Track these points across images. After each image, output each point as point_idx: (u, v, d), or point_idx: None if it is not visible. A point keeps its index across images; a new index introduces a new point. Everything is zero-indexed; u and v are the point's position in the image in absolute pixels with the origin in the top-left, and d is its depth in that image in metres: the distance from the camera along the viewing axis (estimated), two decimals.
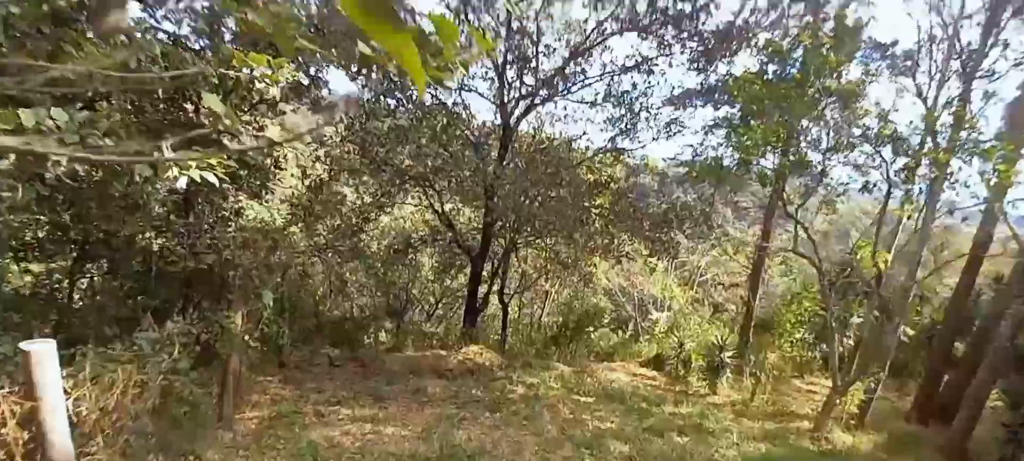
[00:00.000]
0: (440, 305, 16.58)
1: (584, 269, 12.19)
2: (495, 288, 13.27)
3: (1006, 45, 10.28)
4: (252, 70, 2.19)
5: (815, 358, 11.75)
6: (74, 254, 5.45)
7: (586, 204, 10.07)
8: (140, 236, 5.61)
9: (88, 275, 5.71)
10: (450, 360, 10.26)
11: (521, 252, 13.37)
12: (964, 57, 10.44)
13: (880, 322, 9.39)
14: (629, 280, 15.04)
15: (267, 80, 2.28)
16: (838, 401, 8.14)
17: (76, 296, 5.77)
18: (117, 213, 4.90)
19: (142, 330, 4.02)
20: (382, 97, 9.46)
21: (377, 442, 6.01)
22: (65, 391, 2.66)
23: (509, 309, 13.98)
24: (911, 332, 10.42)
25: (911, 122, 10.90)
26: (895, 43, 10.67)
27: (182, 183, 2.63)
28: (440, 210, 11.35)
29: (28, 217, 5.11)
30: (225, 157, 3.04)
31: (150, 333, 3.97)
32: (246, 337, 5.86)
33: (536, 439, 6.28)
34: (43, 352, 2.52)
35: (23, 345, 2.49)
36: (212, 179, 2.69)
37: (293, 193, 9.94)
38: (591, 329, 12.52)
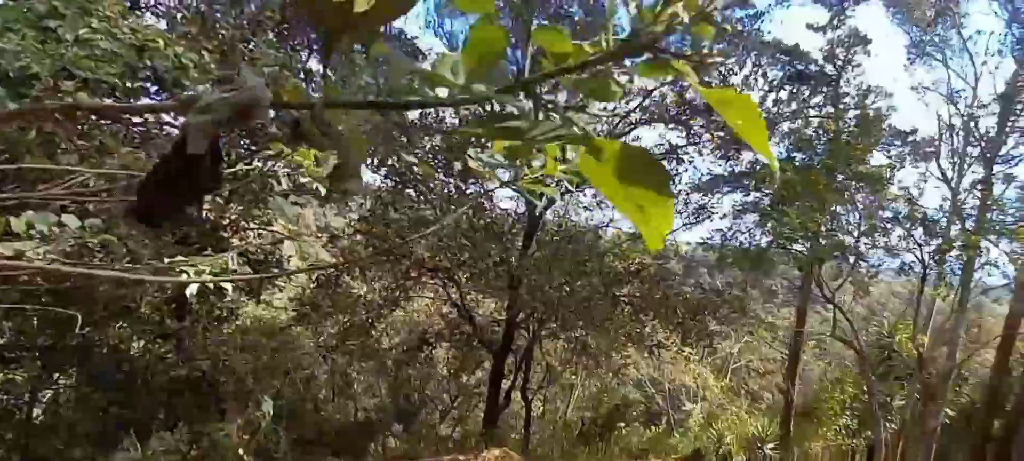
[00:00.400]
0: (455, 404, 15.27)
1: (615, 361, 11.21)
2: (517, 384, 12.16)
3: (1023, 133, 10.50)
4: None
5: (859, 445, 10.49)
6: (39, 362, 4.52)
7: (615, 293, 9.45)
8: (124, 342, 4.85)
9: (55, 387, 4.74)
10: None
11: (545, 345, 12.42)
12: (983, 144, 10.52)
13: (924, 404, 8.61)
14: (659, 370, 13.82)
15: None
16: None
17: (37, 411, 4.78)
18: (103, 318, 4.18)
19: (122, 449, 3.19)
20: (404, 187, 9.12)
21: None
22: None
23: (533, 406, 12.73)
24: (951, 413, 9.62)
25: (939, 206, 10.71)
26: (915, 131, 10.80)
27: (192, 289, 2.07)
28: (460, 303, 10.60)
29: None
30: (239, 262, 2.48)
31: (131, 453, 3.13)
32: (240, 451, 4.93)
33: None
34: None
35: None
36: (226, 286, 2.12)
37: (301, 290, 9.30)
38: (622, 425, 11.25)
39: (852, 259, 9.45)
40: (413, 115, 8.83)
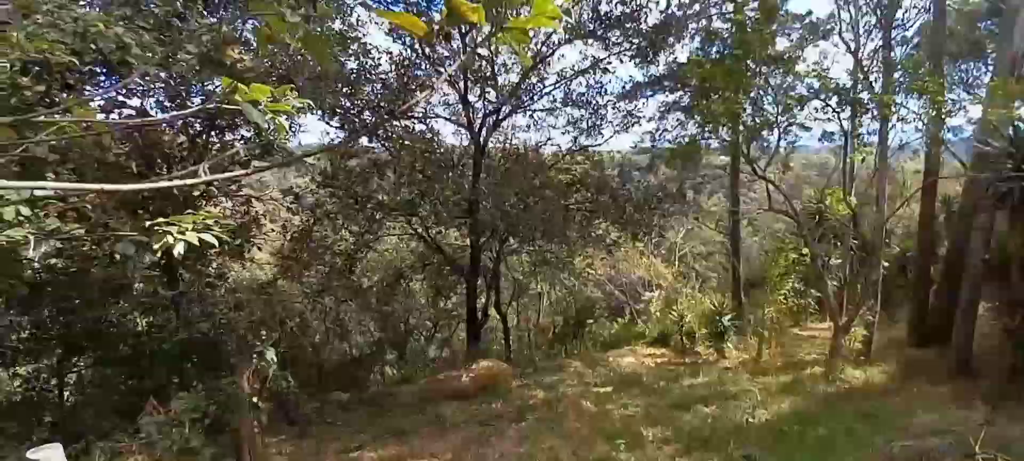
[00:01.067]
0: (438, 329, 16.11)
1: (575, 266, 12.04)
2: (491, 301, 12.94)
3: None
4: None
5: (808, 305, 11.84)
6: (58, 351, 4.87)
7: (565, 203, 10.05)
8: (126, 318, 5.09)
9: (77, 370, 5.11)
10: (462, 381, 9.84)
11: (510, 261, 13.11)
12: (879, 12, 11.15)
13: (862, 259, 9.60)
14: (615, 269, 14.91)
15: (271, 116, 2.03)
16: (842, 341, 8.14)
17: (67, 393, 5.16)
18: (100, 299, 4.40)
19: (146, 414, 3.58)
20: (356, 136, 9.15)
21: None
22: None
23: (508, 319, 13.65)
24: (885, 264, 10.77)
25: (848, 77, 11.59)
26: (809, 12, 11.46)
27: (179, 249, 2.29)
28: (426, 236, 11.01)
29: (10, 321, 4.59)
30: (220, 214, 2.72)
31: (155, 417, 3.52)
32: (254, 399, 5.39)
33: (567, 442, 5.96)
34: (52, 456, 2.12)
35: (29, 453, 2.08)
36: (211, 239, 2.35)
37: (281, 246, 9.46)
38: (591, 322, 12.31)
39: (775, 136, 10.23)
40: (353, 65, 8.75)
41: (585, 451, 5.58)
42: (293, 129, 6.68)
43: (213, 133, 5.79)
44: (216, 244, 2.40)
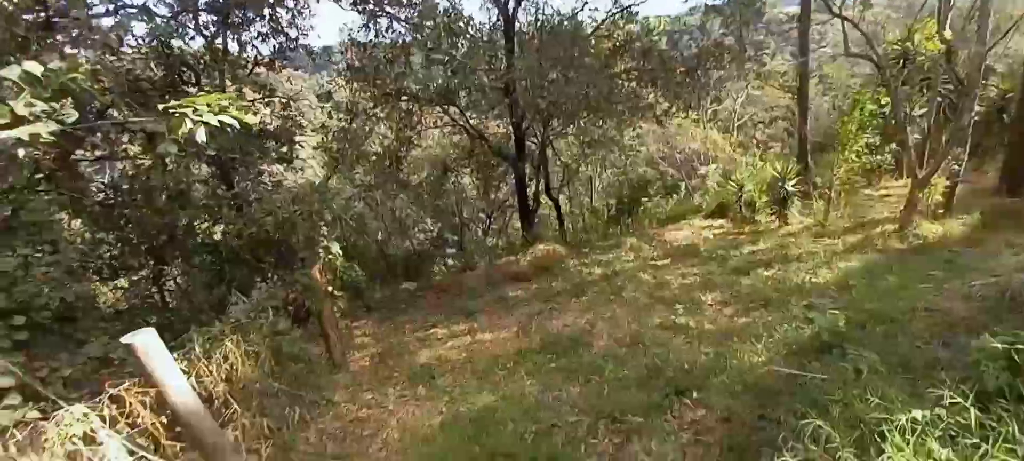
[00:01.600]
0: (492, 220, 16.44)
1: (624, 142, 11.42)
2: (540, 187, 12.83)
3: None
4: None
5: (884, 162, 10.73)
6: (151, 262, 5.51)
7: (610, 72, 9.19)
8: (198, 226, 5.51)
9: (170, 278, 5.80)
10: (521, 264, 10.10)
11: (557, 145, 12.68)
12: None
13: (951, 104, 8.38)
14: (668, 145, 14.12)
15: None
16: (921, 195, 7.39)
17: (166, 298, 5.88)
18: (165, 205, 4.75)
19: (233, 305, 3.87)
20: (375, 19, 8.61)
21: (480, 350, 5.97)
22: (183, 371, 2.46)
23: (560, 204, 13.60)
24: (979, 107, 9.39)
25: None
26: None
27: (201, 135, 2.21)
28: (467, 126, 10.71)
29: (98, 239, 5.14)
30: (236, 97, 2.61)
31: (241, 306, 3.81)
32: (329, 288, 5.77)
33: (627, 310, 6.04)
34: (146, 340, 2.30)
35: (124, 338, 2.27)
36: (230, 120, 2.25)
37: (325, 150, 9.59)
38: (645, 200, 11.98)
39: None
40: None
41: (645, 316, 5.64)
42: (307, 30, 6.33)
43: (228, 33, 5.66)
44: (236, 124, 2.30)
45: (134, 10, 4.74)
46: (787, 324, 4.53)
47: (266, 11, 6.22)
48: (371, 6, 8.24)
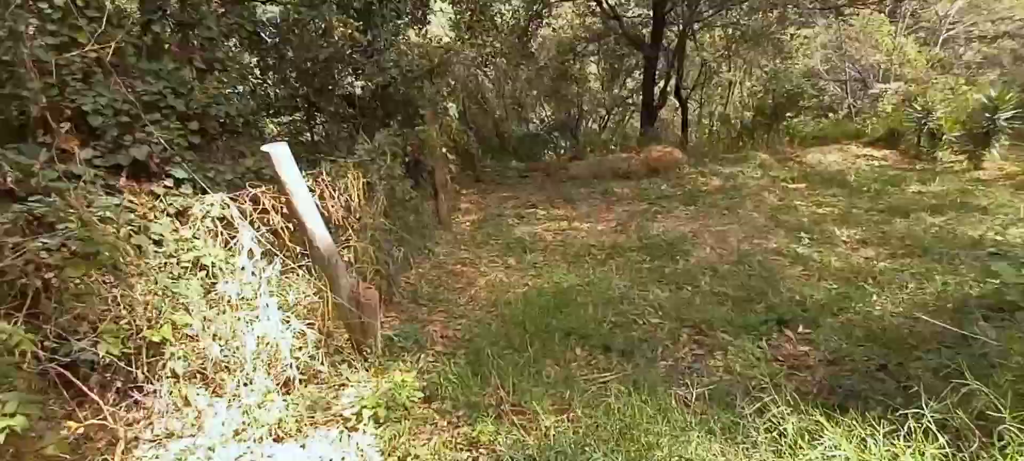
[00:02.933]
0: (611, 116, 15.48)
1: (784, 42, 9.51)
2: (671, 85, 11.53)
3: None
4: None
5: None
6: (306, 106, 6.28)
7: None
8: (339, 76, 5.94)
9: (319, 123, 6.61)
10: (632, 162, 9.54)
11: (700, 38, 11.00)
12: None
13: None
14: (839, 52, 11.48)
15: None
16: None
17: (312, 137, 6.73)
18: (313, 42, 5.13)
19: (360, 145, 4.15)
20: None
21: (575, 235, 5.93)
22: (310, 189, 2.72)
23: (688, 106, 12.22)
24: None
25: None
26: None
27: None
28: (603, 4, 9.62)
29: (270, 84, 5.96)
30: None
31: (367, 145, 4.06)
32: (443, 148, 5.97)
33: (741, 227, 5.44)
34: (280, 151, 2.53)
35: (264, 147, 2.52)
36: None
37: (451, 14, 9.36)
38: (791, 116, 10.20)
39: None
40: None
41: (759, 238, 5.04)
42: None
43: None
44: None
45: None
46: (949, 277, 3.71)
47: None
48: None
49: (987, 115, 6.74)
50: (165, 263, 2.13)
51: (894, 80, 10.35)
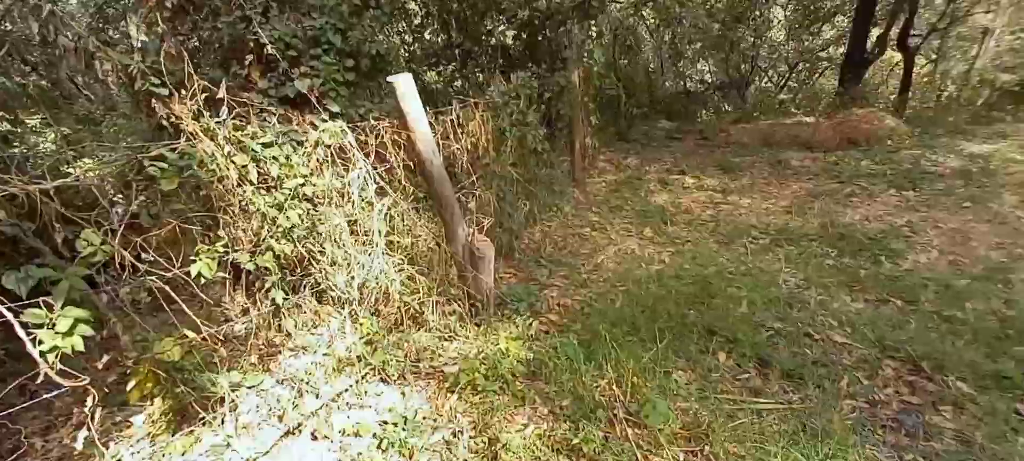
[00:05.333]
0: (794, 72, 12.99)
1: None
2: (893, 32, 9.06)
3: None
4: None
5: None
6: (457, 57, 6.40)
7: None
8: (491, 20, 5.81)
9: (471, 70, 6.70)
10: (821, 129, 7.88)
11: None
12: None
13: None
14: None
15: None
16: None
17: (463, 84, 6.86)
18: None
19: (492, 87, 3.90)
20: None
21: (732, 212, 5.04)
22: (431, 124, 2.54)
23: (915, 60, 9.54)
24: None
25: None
26: None
27: None
28: None
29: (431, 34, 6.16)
30: None
31: (499, 86, 3.80)
32: (585, 98, 5.47)
33: (992, 227, 3.98)
34: (404, 82, 2.38)
35: (389, 78, 2.39)
36: None
37: None
38: None
39: None
40: None
41: (1022, 245, 3.61)
42: None
43: None
44: None
45: None
46: None
47: None
48: None
49: None
50: (271, 187, 2.16)
51: None
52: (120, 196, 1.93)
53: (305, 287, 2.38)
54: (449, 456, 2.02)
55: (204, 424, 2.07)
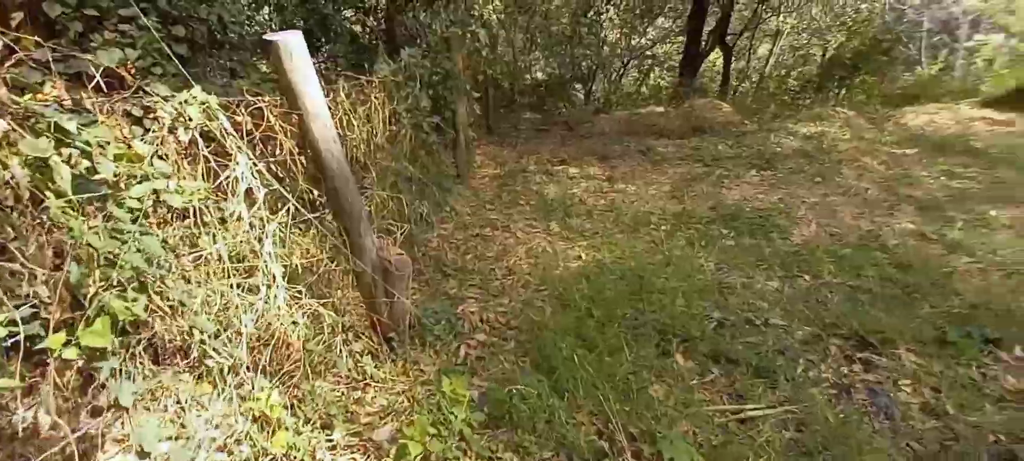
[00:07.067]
0: (626, 69, 14.51)
1: None
2: (718, 29, 10.64)
3: None
4: None
5: None
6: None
7: None
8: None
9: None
10: (670, 118, 8.81)
11: None
12: None
13: None
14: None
15: None
16: None
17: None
18: None
19: (381, 64, 3.30)
20: None
21: (623, 199, 5.21)
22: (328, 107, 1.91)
23: (733, 55, 11.38)
24: None
25: None
26: None
27: None
28: None
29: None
30: None
31: (388, 65, 3.21)
32: (468, 87, 5.12)
33: (847, 200, 4.76)
34: (293, 42, 1.71)
35: (267, 36, 1.70)
36: None
37: None
38: (862, 72, 9.44)
39: None
40: None
41: (882, 216, 4.36)
42: None
43: None
44: None
45: None
46: None
47: None
48: None
49: None
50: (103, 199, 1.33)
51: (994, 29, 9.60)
52: None
53: (165, 358, 1.57)
54: None
55: None
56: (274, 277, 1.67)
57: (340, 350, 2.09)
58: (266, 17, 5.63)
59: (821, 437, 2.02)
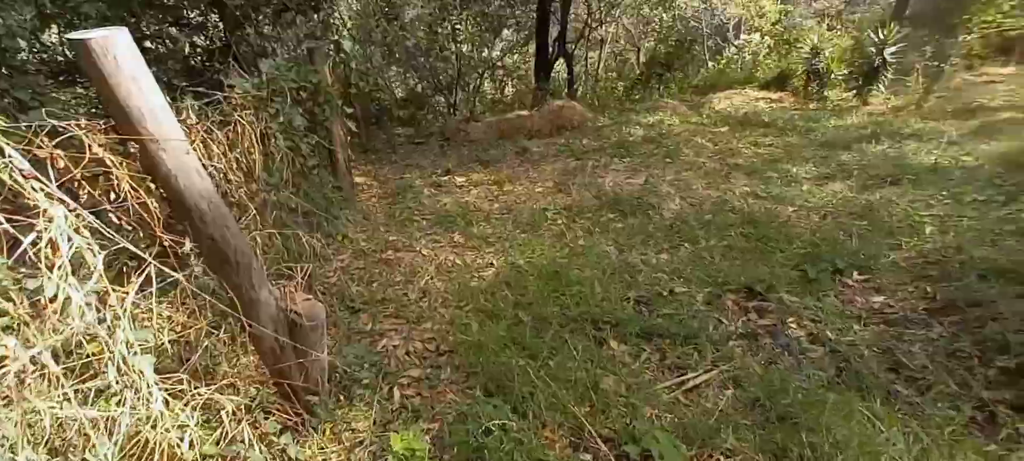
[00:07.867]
0: (481, 78, 14.65)
1: None
2: (559, 38, 11.12)
3: None
4: None
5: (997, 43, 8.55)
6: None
7: None
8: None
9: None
10: (534, 120, 8.93)
11: None
12: None
13: None
14: (707, 3, 12.25)
15: None
16: None
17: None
18: None
19: (229, 75, 2.61)
20: None
21: (514, 201, 5.05)
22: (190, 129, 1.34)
23: (573, 60, 11.99)
24: None
25: None
26: None
27: None
28: None
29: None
30: None
31: (243, 77, 2.55)
32: (340, 102, 4.50)
33: (696, 174, 5.16)
34: (114, 40, 1.13)
35: (77, 35, 1.10)
36: None
37: None
38: (674, 71, 10.58)
39: None
40: None
41: (723, 183, 4.78)
42: None
43: None
44: None
45: None
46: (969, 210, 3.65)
47: None
48: None
49: (874, 51, 7.42)
50: None
51: (755, 32, 11.45)
52: None
53: None
54: None
55: None
56: (142, 373, 1.09)
57: (249, 441, 1.52)
58: (54, 38, 4.29)
59: (757, 387, 2.01)
